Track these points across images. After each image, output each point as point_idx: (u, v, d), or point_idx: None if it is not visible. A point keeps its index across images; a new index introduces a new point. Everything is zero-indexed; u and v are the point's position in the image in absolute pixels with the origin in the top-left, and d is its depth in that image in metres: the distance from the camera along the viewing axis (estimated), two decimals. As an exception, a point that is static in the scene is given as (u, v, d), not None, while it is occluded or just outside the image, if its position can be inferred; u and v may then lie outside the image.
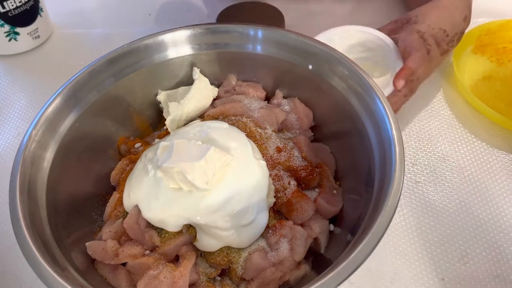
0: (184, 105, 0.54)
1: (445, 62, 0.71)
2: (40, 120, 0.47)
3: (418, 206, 0.54)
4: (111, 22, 0.82)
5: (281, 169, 0.49)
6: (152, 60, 0.56)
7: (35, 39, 0.75)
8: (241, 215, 0.44)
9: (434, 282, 0.48)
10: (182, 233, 0.45)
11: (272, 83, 0.59)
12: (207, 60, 0.58)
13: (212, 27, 0.57)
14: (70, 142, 0.49)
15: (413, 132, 0.62)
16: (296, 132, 0.55)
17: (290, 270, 0.44)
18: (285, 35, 0.55)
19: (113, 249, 0.44)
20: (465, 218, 0.53)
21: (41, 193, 0.45)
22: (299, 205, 0.47)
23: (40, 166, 0.46)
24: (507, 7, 0.81)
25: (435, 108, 0.65)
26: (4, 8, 0.68)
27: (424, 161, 0.59)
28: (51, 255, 0.40)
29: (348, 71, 0.51)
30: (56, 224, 0.44)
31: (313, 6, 0.82)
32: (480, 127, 0.62)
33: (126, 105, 0.56)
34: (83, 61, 0.54)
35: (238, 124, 0.51)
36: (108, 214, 0.49)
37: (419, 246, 0.51)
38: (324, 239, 0.47)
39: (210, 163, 0.43)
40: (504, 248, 0.50)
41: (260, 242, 0.45)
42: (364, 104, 0.49)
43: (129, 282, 0.44)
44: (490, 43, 0.71)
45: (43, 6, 0.75)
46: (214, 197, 0.44)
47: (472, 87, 0.67)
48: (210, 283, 0.45)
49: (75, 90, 0.51)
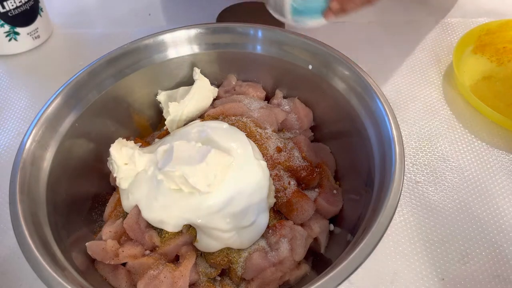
0: (184, 105, 0.54)
1: (445, 62, 0.71)
2: (40, 120, 0.47)
3: (418, 206, 0.54)
4: (111, 22, 0.82)
5: (281, 169, 0.49)
6: (152, 60, 0.56)
7: (35, 39, 0.75)
8: (242, 216, 0.44)
9: (434, 282, 0.48)
10: (182, 233, 0.45)
11: (272, 83, 0.59)
12: (207, 60, 0.58)
13: (212, 27, 0.57)
14: (70, 142, 0.49)
15: (413, 132, 0.62)
16: (296, 132, 0.55)
17: (290, 270, 0.44)
18: (285, 35, 0.55)
19: (113, 249, 0.44)
20: (465, 218, 0.53)
21: (41, 193, 0.45)
22: (299, 205, 0.47)
23: (40, 166, 0.46)
24: (507, 7, 0.81)
25: (435, 108, 0.65)
26: (4, 8, 0.68)
27: (424, 161, 0.59)
28: (51, 255, 0.40)
29: (348, 71, 0.51)
30: (56, 224, 0.44)
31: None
32: (480, 127, 0.62)
33: (126, 105, 0.56)
34: (83, 61, 0.54)
35: (238, 124, 0.51)
36: (108, 214, 0.49)
37: (419, 246, 0.51)
38: (324, 239, 0.47)
39: (211, 165, 0.43)
40: (504, 248, 0.50)
41: (260, 242, 0.45)
42: (364, 104, 0.49)
43: (129, 282, 0.44)
44: (490, 43, 0.71)
45: (43, 6, 0.75)
46: (215, 198, 0.44)
47: (472, 87, 0.67)
48: (210, 283, 0.45)
49: (75, 90, 0.51)
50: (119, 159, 0.46)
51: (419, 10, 0.81)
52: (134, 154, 0.46)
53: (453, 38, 0.75)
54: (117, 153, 0.46)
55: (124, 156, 0.46)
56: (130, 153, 0.46)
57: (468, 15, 0.79)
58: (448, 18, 0.79)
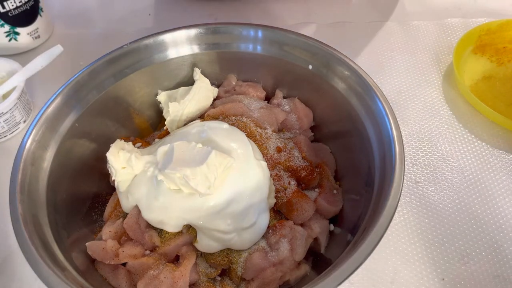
0: (184, 105, 0.54)
1: (445, 62, 0.71)
2: (40, 120, 0.47)
3: (418, 206, 0.54)
4: (111, 22, 0.82)
5: (281, 169, 0.49)
6: (152, 60, 0.56)
7: (35, 39, 0.75)
8: (242, 217, 0.44)
9: (434, 282, 0.48)
10: (182, 233, 0.45)
11: (272, 83, 0.59)
12: (207, 60, 0.58)
13: (212, 27, 0.57)
14: (70, 142, 0.49)
15: (413, 132, 0.62)
16: (296, 132, 0.55)
17: (290, 270, 0.44)
18: (285, 35, 0.55)
19: (113, 249, 0.44)
20: (465, 218, 0.53)
21: (41, 193, 0.45)
22: (299, 205, 0.47)
23: (40, 166, 0.46)
24: (507, 7, 0.81)
25: (435, 108, 0.65)
26: (4, 8, 0.68)
27: (424, 161, 0.59)
28: (51, 255, 0.40)
29: (348, 71, 0.51)
30: (56, 224, 0.44)
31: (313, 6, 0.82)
32: (480, 127, 0.62)
33: (126, 105, 0.56)
34: (83, 61, 0.54)
35: (238, 124, 0.51)
36: (108, 214, 0.49)
37: (419, 246, 0.51)
38: (324, 239, 0.47)
39: (211, 167, 0.43)
40: (504, 248, 0.50)
41: (260, 242, 0.45)
42: (364, 104, 0.49)
43: (129, 282, 0.44)
44: (490, 43, 0.71)
45: (43, 6, 0.75)
46: (216, 199, 0.44)
47: (472, 87, 0.67)
48: (210, 283, 0.44)
49: (75, 90, 0.51)
50: (116, 163, 0.46)
51: (419, 10, 0.81)
52: (131, 158, 0.46)
53: (453, 38, 0.75)
54: (114, 158, 0.46)
55: (122, 160, 0.46)
56: (127, 157, 0.46)
57: (468, 15, 0.79)
58: (448, 18, 0.79)
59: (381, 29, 0.78)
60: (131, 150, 0.47)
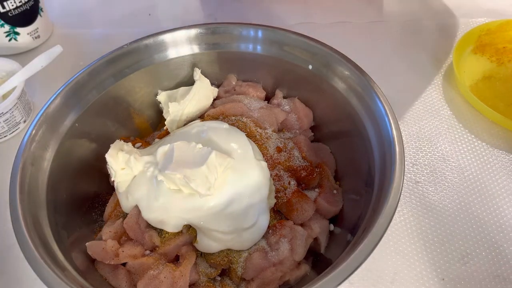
0: (184, 105, 0.54)
1: (445, 62, 0.71)
2: (40, 120, 0.47)
3: (418, 206, 0.54)
4: (111, 22, 0.82)
5: (281, 169, 0.49)
6: (152, 60, 0.56)
7: (35, 39, 0.75)
8: (243, 218, 0.44)
9: (434, 282, 0.48)
10: (182, 233, 0.45)
11: (272, 83, 0.59)
12: (207, 60, 0.58)
13: (212, 27, 0.57)
14: (70, 142, 0.49)
15: (413, 132, 0.62)
16: (296, 132, 0.55)
17: (290, 270, 0.44)
18: (285, 35, 0.55)
19: (113, 249, 0.44)
20: (465, 218, 0.53)
21: (41, 193, 0.45)
22: (299, 205, 0.47)
23: (40, 166, 0.46)
24: (507, 7, 0.81)
25: (435, 108, 0.65)
26: (4, 8, 0.68)
27: (424, 161, 0.59)
28: (51, 255, 0.40)
29: (348, 71, 0.51)
30: (56, 224, 0.44)
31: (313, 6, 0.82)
32: (480, 127, 0.62)
33: (126, 105, 0.56)
34: (83, 61, 0.54)
35: (238, 124, 0.51)
36: (108, 214, 0.49)
37: (419, 246, 0.51)
38: (324, 239, 0.47)
39: (211, 168, 0.43)
40: (504, 248, 0.50)
41: (260, 242, 0.45)
42: (364, 104, 0.49)
43: (129, 282, 0.44)
44: (490, 43, 0.71)
45: (43, 6, 0.75)
46: (216, 200, 0.44)
47: (472, 87, 0.67)
48: (210, 283, 0.44)
49: (75, 90, 0.51)
50: (115, 164, 0.46)
51: (419, 10, 0.81)
52: (130, 159, 0.46)
53: (453, 38, 0.75)
54: (113, 159, 0.46)
55: (121, 161, 0.46)
56: (126, 158, 0.46)
57: (468, 15, 0.79)
58: (448, 18, 0.79)
59: (381, 29, 0.78)
60: (130, 151, 0.47)
